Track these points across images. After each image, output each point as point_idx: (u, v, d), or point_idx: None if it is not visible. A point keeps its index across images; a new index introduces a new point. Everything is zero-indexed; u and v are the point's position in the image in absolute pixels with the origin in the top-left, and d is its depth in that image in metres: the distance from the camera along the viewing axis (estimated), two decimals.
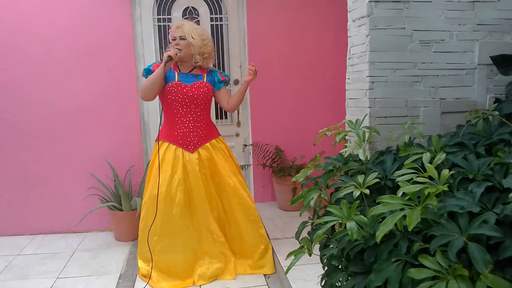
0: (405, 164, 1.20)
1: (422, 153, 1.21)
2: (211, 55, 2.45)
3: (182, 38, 2.33)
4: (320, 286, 1.37)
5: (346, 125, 1.67)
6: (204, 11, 3.37)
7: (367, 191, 1.24)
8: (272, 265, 2.52)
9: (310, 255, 1.34)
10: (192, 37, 2.33)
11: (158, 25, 3.34)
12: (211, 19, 3.39)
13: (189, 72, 2.42)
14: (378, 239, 0.99)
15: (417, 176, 1.08)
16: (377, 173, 1.29)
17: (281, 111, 3.46)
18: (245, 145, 3.50)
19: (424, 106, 1.77)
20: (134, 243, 3.06)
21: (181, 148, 2.39)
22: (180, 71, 2.41)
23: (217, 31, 3.41)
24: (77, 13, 3.11)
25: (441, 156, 1.16)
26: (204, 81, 2.41)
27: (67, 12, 3.10)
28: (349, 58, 1.92)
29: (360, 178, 1.28)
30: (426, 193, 1.00)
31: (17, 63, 3.10)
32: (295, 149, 3.44)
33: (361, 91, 1.79)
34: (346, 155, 1.56)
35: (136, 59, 3.27)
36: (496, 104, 1.59)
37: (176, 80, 2.35)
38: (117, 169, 3.23)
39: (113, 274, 2.55)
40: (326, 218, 1.18)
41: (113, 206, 3.09)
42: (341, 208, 1.16)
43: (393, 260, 1.01)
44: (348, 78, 1.94)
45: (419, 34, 1.73)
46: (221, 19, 3.41)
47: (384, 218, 1.00)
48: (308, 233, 1.46)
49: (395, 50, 1.72)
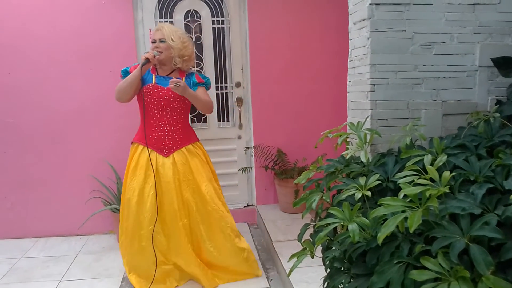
0: (407, 166, 1.21)
1: (424, 155, 1.21)
2: (191, 58, 2.44)
3: (162, 41, 2.32)
4: None
5: (348, 127, 1.67)
6: (206, 14, 3.39)
7: (369, 193, 1.24)
8: (257, 269, 2.52)
9: (313, 257, 1.34)
10: (172, 40, 2.31)
11: None
12: (213, 22, 3.40)
13: (168, 75, 2.40)
14: (380, 241, 0.99)
15: (419, 178, 1.09)
16: (379, 175, 1.30)
17: (283, 114, 3.47)
18: (247, 148, 3.51)
19: (426, 108, 1.77)
20: None
21: (155, 152, 2.35)
22: (158, 74, 2.39)
23: (219, 34, 3.43)
24: (79, 16, 3.14)
25: (443, 158, 1.17)
26: None
27: (69, 15, 3.13)
28: (350, 61, 1.93)
29: (362, 180, 1.28)
30: (428, 195, 1.00)
31: (20, 66, 3.12)
32: (297, 152, 3.45)
33: (362, 93, 1.80)
34: (348, 157, 1.57)
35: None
36: (497, 106, 1.59)
37: (153, 83, 2.33)
38: (120, 172, 3.24)
39: (116, 277, 2.56)
40: (328, 220, 1.19)
41: (116, 209, 3.09)
42: (343, 210, 1.17)
43: (395, 262, 1.02)
44: (349, 81, 1.95)
45: (420, 37, 1.73)
46: (223, 22, 3.42)
47: (386, 220, 1.00)
48: (310, 235, 1.46)
49: (396, 53, 1.72)
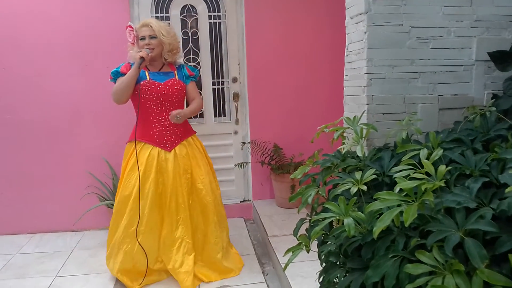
0: (403, 161, 1.20)
1: (420, 149, 1.21)
2: (179, 50, 2.43)
3: (153, 37, 2.28)
4: (318, 283, 1.37)
5: (344, 122, 1.67)
6: (203, 9, 3.36)
7: (365, 188, 1.24)
8: (238, 266, 2.50)
9: (308, 252, 1.34)
10: (163, 35, 2.28)
11: None
12: (210, 17, 3.38)
13: (160, 71, 2.38)
14: (375, 235, 0.99)
15: (414, 172, 1.09)
16: (375, 170, 1.30)
17: (280, 109, 3.46)
18: (244, 143, 3.50)
19: (422, 103, 1.77)
20: None
21: (158, 148, 2.33)
22: (150, 70, 2.36)
23: (216, 29, 3.41)
24: (76, 12, 3.11)
25: (438, 152, 1.16)
26: (176, 78, 2.38)
27: (66, 11, 3.09)
28: (347, 55, 1.92)
29: (358, 175, 1.28)
30: (423, 189, 1.00)
31: (16, 62, 3.10)
32: (294, 147, 3.44)
33: (359, 88, 1.79)
34: (344, 152, 1.57)
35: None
36: (494, 100, 1.59)
37: (148, 79, 2.30)
38: (116, 168, 3.22)
39: None
40: (324, 215, 1.18)
41: (112, 205, 3.08)
42: (339, 205, 1.16)
43: (390, 256, 1.02)
44: (346, 75, 1.94)
45: (417, 31, 1.73)
46: (220, 17, 3.40)
47: (382, 214, 1.00)
48: (306, 230, 1.46)
49: (393, 47, 1.72)
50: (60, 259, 2.77)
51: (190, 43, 3.37)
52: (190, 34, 3.37)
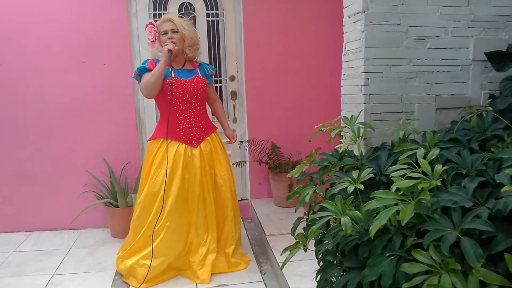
0: (399, 160, 1.21)
1: (416, 149, 1.21)
2: (199, 46, 2.46)
3: (175, 31, 2.31)
4: (316, 282, 1.38)
5: (341, 121, 1.67)
6: (200, 7, 3.36)
7: (362, 187, 1.24)
8: (245, 260, 2.57)
9: (306, 251, 1.34)
10: (184, 29, 2.32)
11: (154, 21, 3.32)
12: (207, 15, 3.37)
13: (183, 68, 2.42)
14: (372, 234, 0.99)
15: (411, 172, 1.09)
16: (372, 169, 1.30)
17: (278, 108, 3.46)
18: (241, 142, 3.50)
19: (419, 102, 1.77)
20: None
21: (184, 144, 2.37)
22: (174, 67, 2.39)
23: (214, 27, 3.40)
24: (73, 8, 3.09)
25: (435, 152, 1.17)
26: (200, 75, 2.42)
27: (62, 7, 3.08)
28: (345, 54, 1.93)
29: (355, 174, 1.28)
30: (420, 188, 1.01)
31: (12, 59, 3.08)
32: (291, 146, 3.44)
33: (356, 87, 1.79)
34: (341, 151, 1.57)
35: (132, 55, 3.25)
36: (490, 100, 1.60)
37: (174, 76, 2.32)
38: (113, 166, 3.22)
39: (109, 271, 2.55)
40: (321, 214, 1.19)
41: (109, 203, 3.09)
42: (336, 204, 1.17)
43: (387, 255, 1.02)
44: (344, 74, 1.95)
45: (414, 30, 1.73)
46: (217, 15, 3.39)
47: (378, 213, 1.00)
48: (304, 229, 1.47)
49: (390, 46, 1.72)
50: (58, 257, 2.77)
51: None
52: None
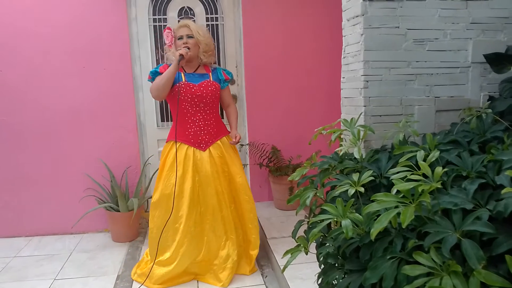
0: (400, 162, 1.21)
1: (417, 151, 1.22)
2: (214, 52, 2.50)
3: (190, 37, 2.36)
4: (317, 284, 1.38)
5: (341, 124, 1.67)
6: (200, 11, 3.37)
7: (362, 189, 1.24)
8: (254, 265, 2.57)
9: (307, 254, 1.34)
10: (200, 35, 2.36)
11: (154, 25, 3.33)
12: (207, 19, 3.39)
13: (195, 72, 2.45)
14: (373, 237, 0.99)
15: (411, 174, 1.09)
16: (372, 171, 1.30)
17: (278, 111, 3.47)
18: (242, 145, 3.50)
19: (419, 105, 1.78)
20: (132, 244, 3.06)
21: (193, 147, 2.40)
22: (186, 72, 2.43)
23: (213, 31, 3.41)
24: (73, 13, 3.11)
25: (435, 154, 1.17)
26: (211, 80, 2.44)
27: (63, 12, 3.09)
28: (344, 57, 1.93)
29: (355, 177, 1.29)
30: (420, 191, 1.01)
31: (12, 64, 3.09)
32: (292, 148, 3.45)
33: (356, 90, 1.80)
34: (342, 154, 1.57)
35: (132, 60, 3.27)
36: (490, 102, 1.60)
37: (184, 81, 2.36)
38: (114, 170, 3.22)
39: (111, 275, 2.55)
40: (322, 217, 1.19)
41: (110, 207, 3.09)
42: (337, 206, 1.17)
43: (388, 257, 1.02)
44: (343, 77, 1.95)
45: (413, 33, 1.74)
46: (217, 19, 3.41)
47: (379, 216, 1.00)
48: (305, 232, 1.47)
49: (390, 49, 1.73)
50: (59, 262, 2.77)
51: None
52: None
